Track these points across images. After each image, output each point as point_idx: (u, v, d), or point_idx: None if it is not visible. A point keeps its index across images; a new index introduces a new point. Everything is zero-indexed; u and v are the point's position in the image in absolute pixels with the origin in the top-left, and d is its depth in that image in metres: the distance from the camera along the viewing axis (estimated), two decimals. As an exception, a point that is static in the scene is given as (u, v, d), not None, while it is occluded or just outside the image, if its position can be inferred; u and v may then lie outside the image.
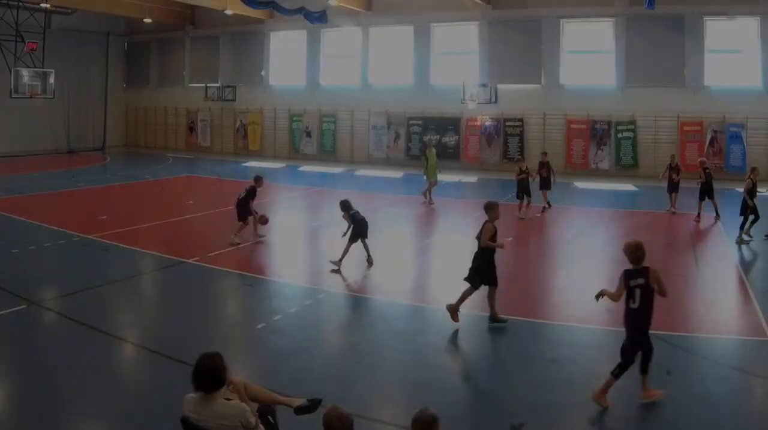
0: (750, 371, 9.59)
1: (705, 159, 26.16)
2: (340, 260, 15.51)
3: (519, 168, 24.31)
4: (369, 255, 16.06)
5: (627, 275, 8.57)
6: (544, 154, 26.41)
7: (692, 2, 34.54)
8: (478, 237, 11.64)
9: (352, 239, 15.71)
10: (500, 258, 15.49)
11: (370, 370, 9.81)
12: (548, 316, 12.55)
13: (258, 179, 19.11)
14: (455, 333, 11.37)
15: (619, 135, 36.29)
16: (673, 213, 24.14)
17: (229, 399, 5.94)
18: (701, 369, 9.90)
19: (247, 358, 10.37)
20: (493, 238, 11.62)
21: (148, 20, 43.21)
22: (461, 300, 11.57)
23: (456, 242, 19.17)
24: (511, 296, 13.04)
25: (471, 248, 11.89)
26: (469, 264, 11.80)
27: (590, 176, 35.47)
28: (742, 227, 19.17)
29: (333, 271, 15.38)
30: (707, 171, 22.79)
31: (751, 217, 19.16)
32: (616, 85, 36.52)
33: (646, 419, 8.36)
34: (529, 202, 23.40)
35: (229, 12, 39.88)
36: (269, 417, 6.43)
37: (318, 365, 9.90)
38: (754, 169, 20.42)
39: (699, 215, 22.69)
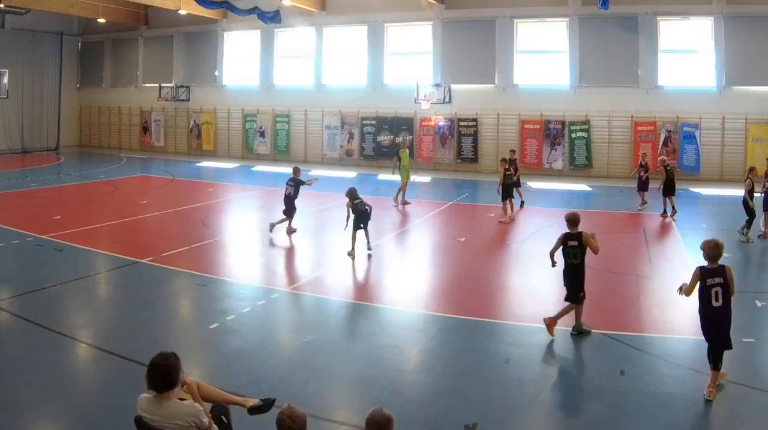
0: (704, 370, 8.87)
1: (666, 157, 25.39)
2: (353, 250, 15.78)
3: (503, 168, 21.98)
4: (369, 243, 16.19)
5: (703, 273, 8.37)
6: (512, 151, 25.14)
7: (646, 2, 32.49)
8: (575, 253, 10.62)
9: (355, 228, 15.80)
10: (453, 258, 15.80)
11: (324, 370, 9.37)
12: (502, 316, 11.96)
13: (297, 170, 19.07)
14: (409, 333, 11.07)
15: (573, 135, 33.92)
16: (641, 210, 23.38)
17: (182, 399, 5.68)
18: (655, 369, 9.47)
19: (200, 358, 9.88)
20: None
21: (101, 20, 40.43)
22: (561, 316, 10.75)
23: (409, 242, 18.71)
24: (464, 296, 12.90)
25: (426, 246, 13.12)
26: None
27: (544, 176, 33.31)
28: (749, 226, 18.38)
29: (349, 255, 15.75)
30: (668, 169, 22.31)
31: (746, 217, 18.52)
32: (570, 85, 34.19)
33: (601, 418, 8.00)
34: (512, 205, 22.00)
35: (182, 12, 37.10)
36: (223, 417, 6.19)
37: (271, 365, 9.54)
38: (752, 169, 19.23)
39: (665, 211, 22.07)
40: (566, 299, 10.72)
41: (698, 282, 8.40)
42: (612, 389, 8.66)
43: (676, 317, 11.34)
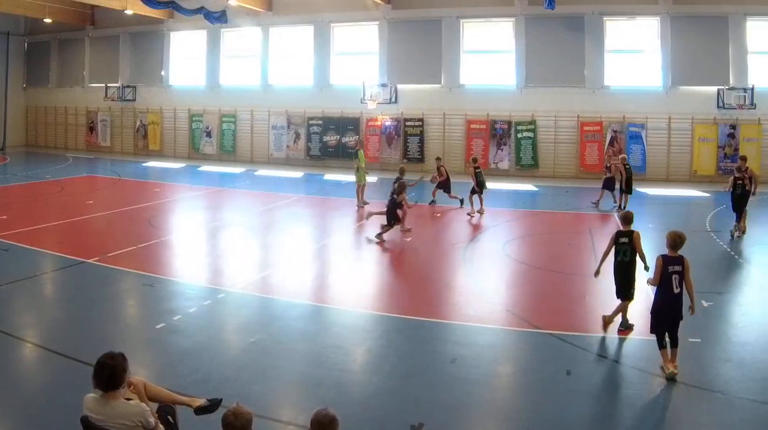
0: (649, 370, 8.65)
1: (626, 156, 24.07)
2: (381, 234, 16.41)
3: (474, 167, 20.96)
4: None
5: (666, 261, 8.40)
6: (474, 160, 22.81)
7: (592, 2, 29.83)
8: (626, 250, 10.04)
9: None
10: (398, 258, 15.39)
11: (270, 370, 8.73)
12: (448, 316, 11.17)
13: (402, 170, 18.94)
14: (354, 333, 10.43)
15: (519, 135, 30.97)
16: (596, 205, 22.54)
17: (129, 399, 5.39)
18: (601, 369, 8.98)
19: (146, 358, 9.17)
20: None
21: (48, 20, 36.72)
22: (617, 314, 10.16)
23: (355, 243, 17.72)
24: (410, 296, 12.39)
25: (372, 247, 13.27)
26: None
27: (490, 176, 29.17)
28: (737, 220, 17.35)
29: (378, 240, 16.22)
30: (627, 167, 21.72)
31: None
32: (516, 85, 31.27)
33: (548, 418, 7.43)
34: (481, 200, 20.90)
35: (129, 12, 33.57)
36: (169, 417, 5.86)
37: (217, 365, 8.85)
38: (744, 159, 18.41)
39: (621, 206, 21.17)
40: (617, 297, 10.12)
41: (661, 269, 8.36)
42: (558, 389, 8.20)
43: (620, 316, 10.20)
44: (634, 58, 30.13)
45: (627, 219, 10.32)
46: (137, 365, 7.78)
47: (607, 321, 10.17)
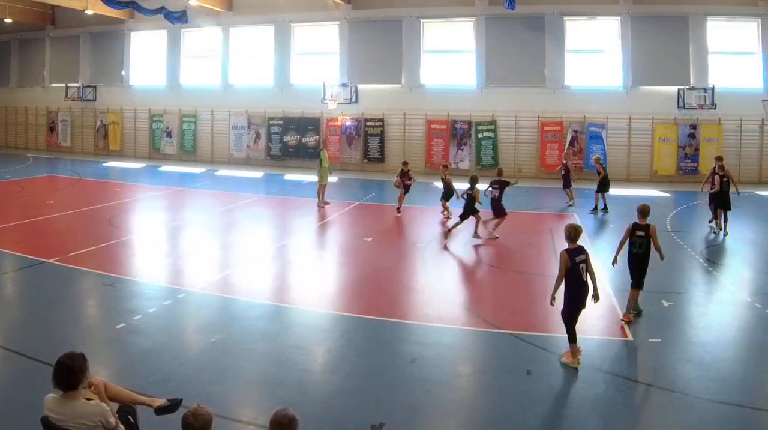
0: (610, 370, 8.11)
1: (600, 156, 22.72)
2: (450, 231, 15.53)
3: (445, 174, 18.96)
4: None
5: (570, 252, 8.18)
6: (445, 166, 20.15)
7: (552, 2, 27.87)
8: (641, 243, 9.77)
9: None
10: (359, 258, 14.53)
11: (230, 370, 8.13)
12: (408, 316, 10.46)
13: (500, 171, 17.68)
14: (315, 333, 9.66)
15: (480, 135, 28.85)
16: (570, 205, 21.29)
17: (89, 399, 5.09)
18: (561, 369, 8.18)
19: (106, 358, 8.46)
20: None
21: (8, 20, 34.10)
22: (631, 304, 9.93)
23: (316, 243, 16.80)
24: (370, 296, 11.54)
25: (333, 246, 13.84)
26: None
27: (451, 176, 27.94)
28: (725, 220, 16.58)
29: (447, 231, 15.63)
30: (603, 166, 20.65)
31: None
32: (477, 85, 29.20)
33: (508, 418, 7.02)
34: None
35: (89, 12, 30.96)
36: (129, 417, 5.55)
37: (178, 365, 8.24)
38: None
39: (596, 207, 20.07)
40: (632, 287, 9.93)
41: (568, 263, 8.08)
42: (518, 388, 7.73)
43: (581, 317, 9.09)
44: (594, 58, 28.22)
45: (644, 212, 9.91)
46: (98, 365, 7.35)
47: (629, 319, 9.80)
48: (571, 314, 8.22)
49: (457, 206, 17.15)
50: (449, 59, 30.00)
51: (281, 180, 27.96)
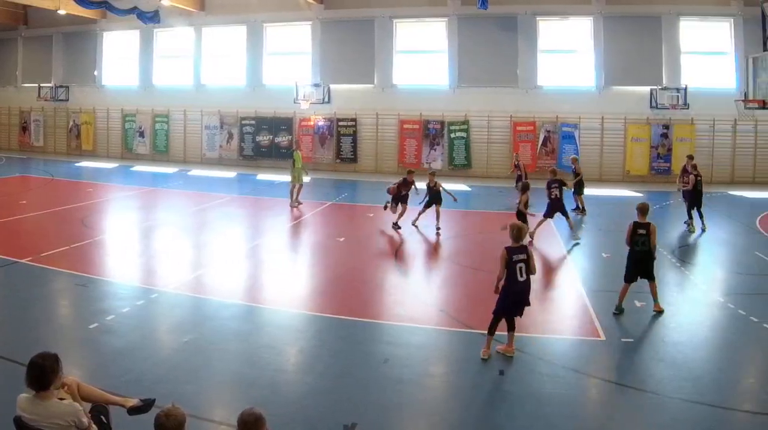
0: (582, 370, 7.81)
1: (576, 156, 21.35)
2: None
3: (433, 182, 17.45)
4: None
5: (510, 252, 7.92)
6: (432, 174, 17.85)
7: (525, 2, 26.51)
8: (644, 241, 9.65)
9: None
10: (331, 258, 13.95)
11: (203, 370, 7.79)
12: (380, 316, 9.97)
13: (554, 172, 16.03)
14: (287, 333, 9.29)
15: (452, 135, 27.48)
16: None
17: (62, 399, 4.88)
18: (534, 368, 7.90)
19: (79, 358, 8.11)
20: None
21: (-20, 20, 32.07)
22: (622, 297, 9.81)
23: (289, 243, 16.09)
24: (343, 296, 11.01)
25: (305, 246, 13.56)
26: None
27: (423, 176, 26.63)
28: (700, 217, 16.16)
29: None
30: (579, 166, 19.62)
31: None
32: (449, 85, 27.81)
33: (480, 418, 6.73)
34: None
35: (62, 12, 29.14)
36: (102, 417, 5.34)
37: (150, 365, 7.92)
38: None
39: (578, 206, 19.00)
40: (626, 281, 9.78)
41: (506, 260, 7.85)
42: (491, 388, 7.41)
43: (553, 317, 9.54)
44: (567, 58, 26.96)
45: (644, 210, 9.84)
46: (70, 365, 7.06)
47: (659, 309, 9.80)
48: (500, 308, 8.05)
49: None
50: (422, 59, 28.58)
51: (254, 180, 26.74)
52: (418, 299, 10.96)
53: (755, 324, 9.45)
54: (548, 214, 15.05)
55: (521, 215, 14.07)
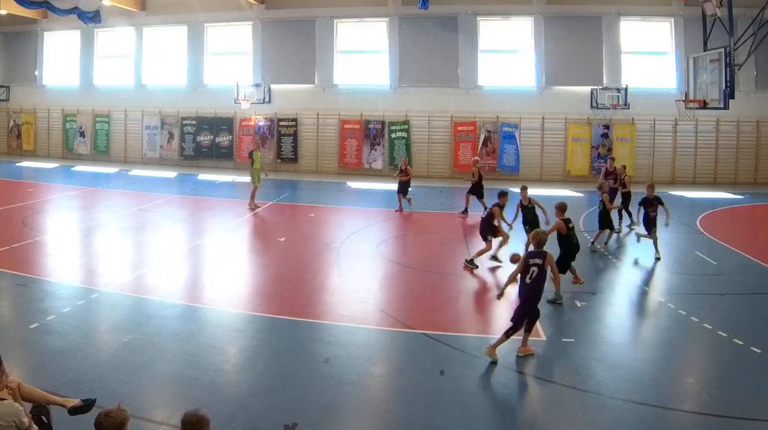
0: (524, 370, 7.33)
1: (478, 158, 19.26)
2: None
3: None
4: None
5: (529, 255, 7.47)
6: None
7: (466, 2, 23.83)
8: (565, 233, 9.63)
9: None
10: (272, 258, 13.15)
11: (143, 370, 7.20)
12: (321, 316, 9.23)
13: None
14: (228, 333, 8.56)
15: (393, 135, 24.67)
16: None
17: (2, 399, 4.44)
18: (475, 369, 7.36)
19: (20, 358, 7.45)
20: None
21: None
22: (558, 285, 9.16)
23: (229, 243, 14.30)
24: (283, 296, 10.16)
25: (246, 247, 13.20)
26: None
27: (364, 176, 24.35)
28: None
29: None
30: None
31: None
32: (390, 85, 25.02)
33: (421, 418, 6.20)
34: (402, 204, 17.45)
35: (2, 12, 25.70)
36: (43, 417, 4.95)
37: (91, 365, 7.30)
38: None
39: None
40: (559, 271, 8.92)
41: (524, 263, 7.38)
42: (432, 388, 6.80)
43: (495, 317, 8.86)
44: (508, 58, 24.35)
45: (562, 208, 9.80)
46: (11, 365, 5.98)
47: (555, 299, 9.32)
48: (522, 313, 7.52)
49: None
50: (363, 59, 25.74)
51: (194, 180, 23.99)
52: (359, 298, 10.02)
53: (695, 324, 8.78)
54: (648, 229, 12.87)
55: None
